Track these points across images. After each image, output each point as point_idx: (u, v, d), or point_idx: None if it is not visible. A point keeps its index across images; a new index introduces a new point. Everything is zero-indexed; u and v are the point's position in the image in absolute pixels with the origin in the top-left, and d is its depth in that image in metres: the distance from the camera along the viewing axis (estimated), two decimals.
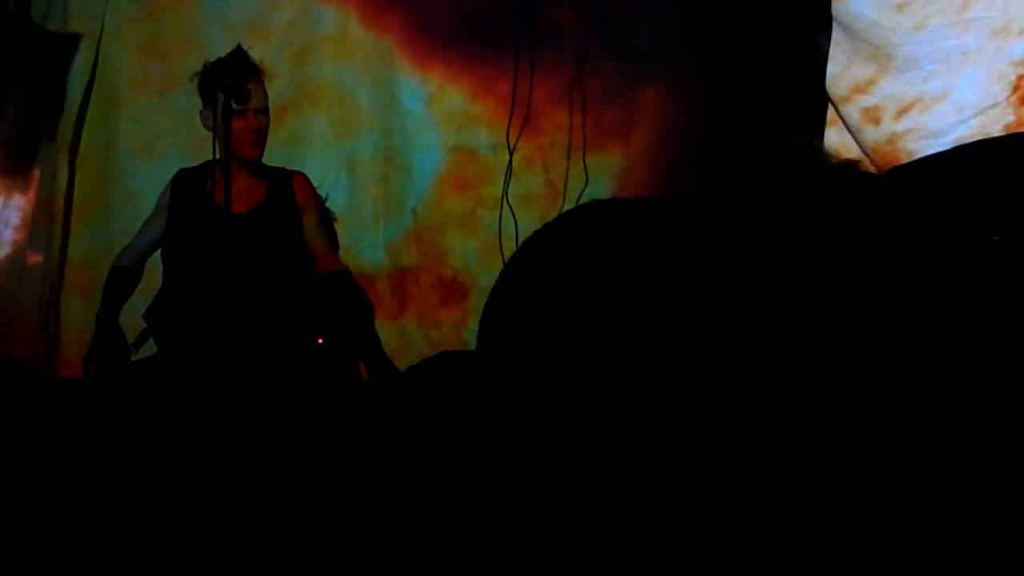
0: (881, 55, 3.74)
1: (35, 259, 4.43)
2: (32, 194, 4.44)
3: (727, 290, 1.13)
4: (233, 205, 3.35)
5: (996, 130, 3.52)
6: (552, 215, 4.29)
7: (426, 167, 4.51)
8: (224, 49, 3.53)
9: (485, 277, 4.41)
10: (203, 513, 2.75)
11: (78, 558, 2.66)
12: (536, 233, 1.20)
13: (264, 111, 3.43)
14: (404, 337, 4.44)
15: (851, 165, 3.11)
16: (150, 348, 3.50)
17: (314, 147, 4.51)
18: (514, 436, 1.06)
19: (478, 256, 4.41)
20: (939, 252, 2.62)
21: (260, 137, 3.43)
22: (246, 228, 3.42)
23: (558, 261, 1.12)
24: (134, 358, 3.42)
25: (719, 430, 1.07)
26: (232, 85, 3.28)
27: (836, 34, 3.87)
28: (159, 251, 3.57)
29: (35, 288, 4.41)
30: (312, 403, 3.18)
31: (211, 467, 2.88)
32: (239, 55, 3.44)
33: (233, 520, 2.73)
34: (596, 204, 1.24)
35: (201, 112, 3.44)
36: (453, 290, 4.44)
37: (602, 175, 4.37)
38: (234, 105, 3.26)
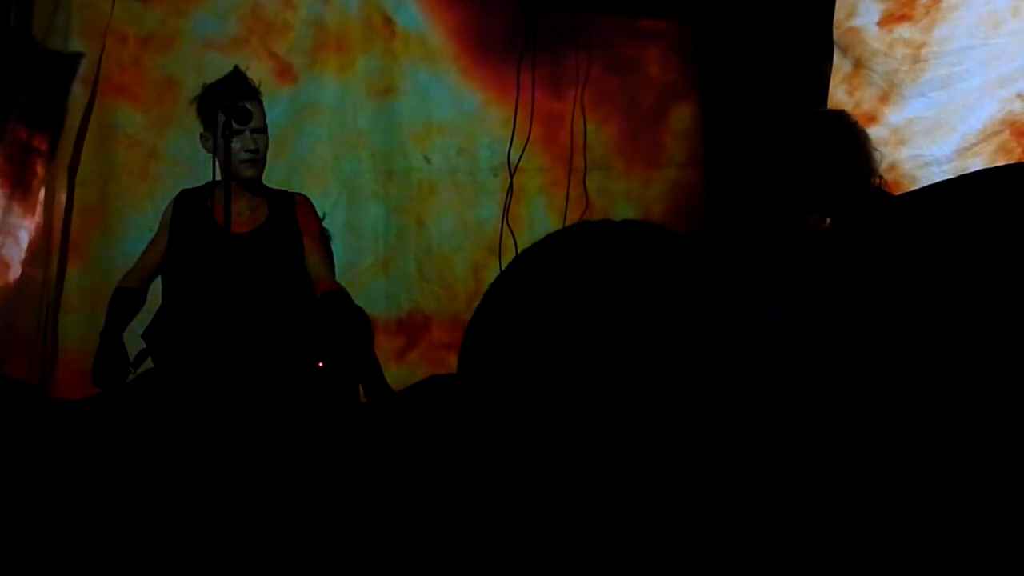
0: (884, 83, 3.75)
1: (34, 278, 4.42)
2: (31, 213, 4.43)
3: (724, 311, 1.12)
4: (234, 226, 3.34)
5: (999, 159, 3.53)
6: None
7: (426, 188, 4.51)
8: (222, 70, 3.53)
9: None
10: (200, 530, 2.74)
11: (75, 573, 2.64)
12: (523, 252, 1.17)
13: (262, 130, 3.43)
14: (406, 361, 4.44)
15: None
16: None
17: (314, 167, 4.51)
18: (500, 457, 1.05)
19: (479, 276, 4.41)
20: (941, 278, 2.61)
21: (258, 157, 3.42)
22: (247, 248, 3.41)
23: (545, 282, 1.09)
24: (132, 377, 3.40)
25: (714, 445, 1.07)
26: (232, 106, 3.28)
27: (837, 60, 3.89)
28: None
29: (33, 307, 4.40)
30: (310, 424, 3.17)
31: (207, 486, 2.87)
32: (237, 76, 3.44)
33: (229, 537, 2.71)
34: (585, 225, 1.20)
35: (201, 135, 3.44)
36: (453, 311, 4.44)
37: (603, 197, 4.36)
38: (234, 125, 3.26)
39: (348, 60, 4.54)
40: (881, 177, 3.12)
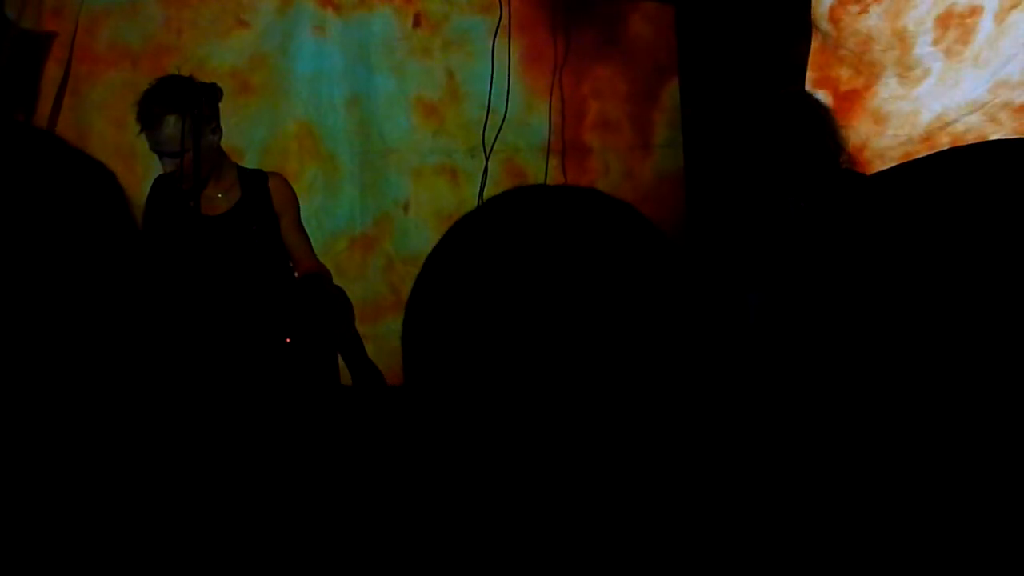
0: (860, 63, 3.75)
1: None
2: None
3: (699, 292, 1.06)
4: (208, 208, 3.33)
5: (982, 134, 3.54)
6: None
7: (403, 170, 4.49)
8: (198, 51, 3.50)
9: None
10: (179, 514, 2.72)
11: (60, 560, 2.62)
12: (452, 228, 1.02)
13: (176, 155, 3.28)
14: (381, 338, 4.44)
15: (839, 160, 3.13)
16: None
17: (290, 149, 4.49)
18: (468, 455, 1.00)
19: None
20: (921, 256, 2.61)
21: (180, 176, 3.31)
22: (221, 230, 3.40)
23: (485, 255, 0.97)
24: None
25: (688, 433, 1.03)
26: (196, 94, 3.27)
27: (815, 42, 3.88)
28: None
29: None
30: (283, 404, 3.16)
31: (186, 466, 2.85)
32: (159, 88, 3.34)
33: (214, 523, 2.69)
34: (520, 191, 1.05)
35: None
36: None
37: (582, 179, 4.35)
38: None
39: (320, 40, 4.51)
40: (849, 156, 3.12)
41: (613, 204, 0.97)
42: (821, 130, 3.10)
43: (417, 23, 4.47)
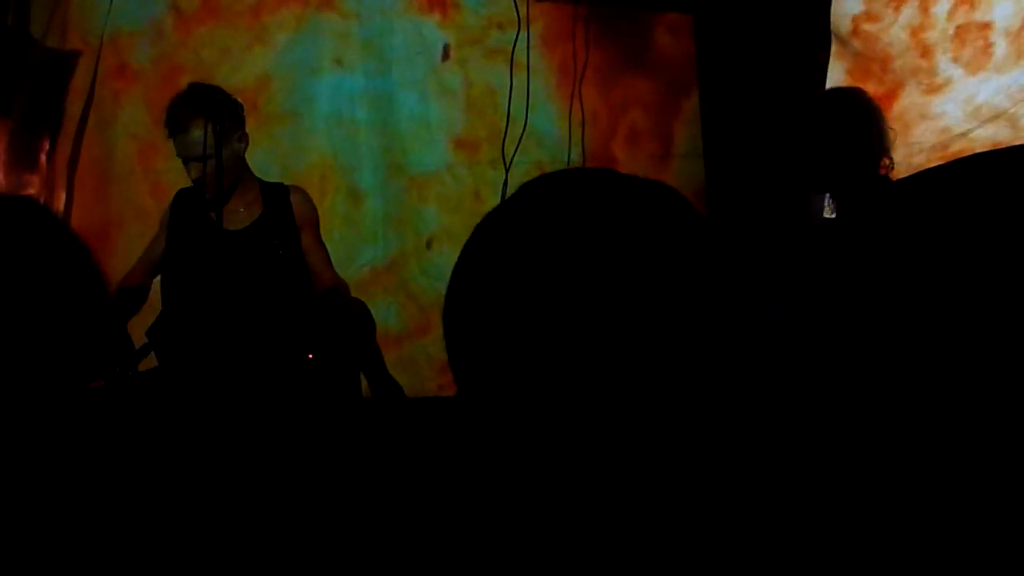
0: (881, 71, 3.75)
1: None
2: None
3: (731, 293, 1.03)
4: (230, 222, 3.35)
5: (1004, 139, 3.53)
6: None
7: (426, 182, 4.51)
8: (220, 69, 3.54)
9: None
10: (197, 526, 2.73)
11: (71, 564, 2.63)
12: (486, 218, 0.99)
13: (199, 159, 3.31)
14: (406, 354, 4.45)
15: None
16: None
17: (312, 162, 4.51)
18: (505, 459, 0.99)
19: None
20: (942, 264, 2.60)
21: (202, 183, 3.33)
22: (243, 244, 3.42)
23: (533, 235, 0.94)
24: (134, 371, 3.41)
25: (712, 434, 1.02)
26: (223, 102, 3.30)
27: (835, 47, 3.88)
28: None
29: None
30: (305, 419, 3.17)
31: (207, 480, 2.87)
32: (184, 96, 3.39)
33: (231, 533, 2.71)
34: (583, 172, 1.00)
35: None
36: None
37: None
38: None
39: (343, 53, 4.53)
40: (891, 159, 3.04)
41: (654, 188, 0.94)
42: (867, 129, 3.01)
43: (446, 54, 4.50)
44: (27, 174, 4.43)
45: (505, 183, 4.31)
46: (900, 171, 3.55)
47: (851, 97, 3.09)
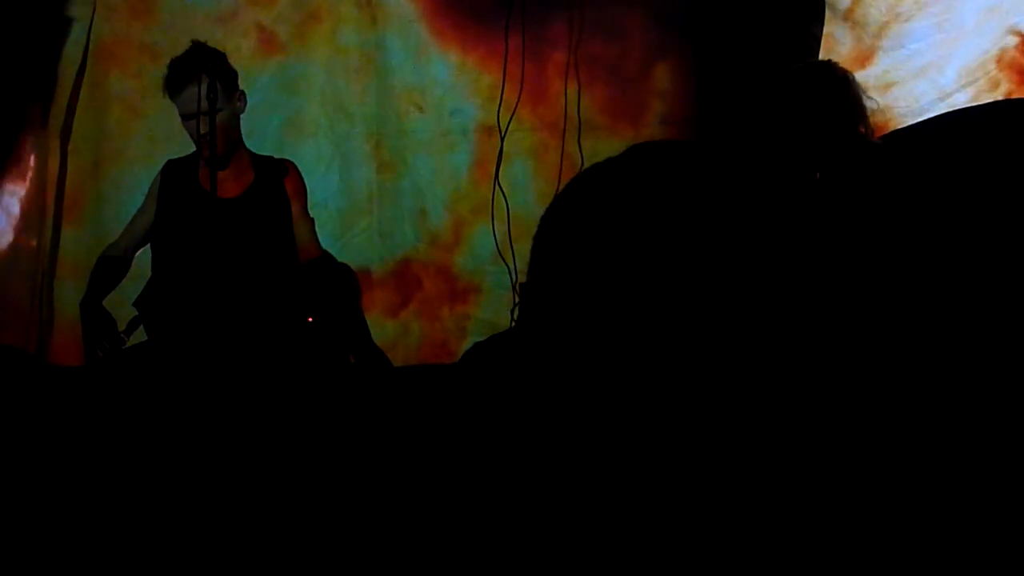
0: (866, 34, 3.78)
1: (28, 245, 4.41)
2: (24, 181, 4.42)
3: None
4: (222, 191, 3.35)
5: (987, 98, 3.58)
6: (545, 198, 4.30)
7: (420, 150, 4.51)
8: (212, 39, 3.54)
9: (479, 261, 4.43)
10: (196, 497, 2.76)
11: (70, 544, 2.66)
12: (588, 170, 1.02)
13: (207, 112, 3.28)
14: (400, 318, 4.46)
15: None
16: (141, 335, 3.50)
17: (306, 131, 4.50)
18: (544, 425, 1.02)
19: (472, 237, 4.42)
20: (931, 221, 2.63)
21: (207, 138, 3.28)
22: (234, 213, 3.43)
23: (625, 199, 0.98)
24: (126, 344, 3.41)
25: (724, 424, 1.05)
26: (223, 59, 3.34)
27: (829, 15, 3.90)
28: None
29: (28, 275, 4.40)
30: (302, 387, 3.19)
31: (204, 453, 2.89)
32: (190, 53, 3.42)
33: (224, 504, 2.73)
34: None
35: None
36: (446, 271, 4.46)
37: (594, 158, 4.36)
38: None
39: (334, 26, 4.51)
40: (867, 124, 3.14)
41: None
42: (841, 100, 3.12)
43: None
44: (20, 144, 4.42)
45: (500, 150, 4.32)
46: (893, 126, 3.63)
47: (822, 69, 3.21)
